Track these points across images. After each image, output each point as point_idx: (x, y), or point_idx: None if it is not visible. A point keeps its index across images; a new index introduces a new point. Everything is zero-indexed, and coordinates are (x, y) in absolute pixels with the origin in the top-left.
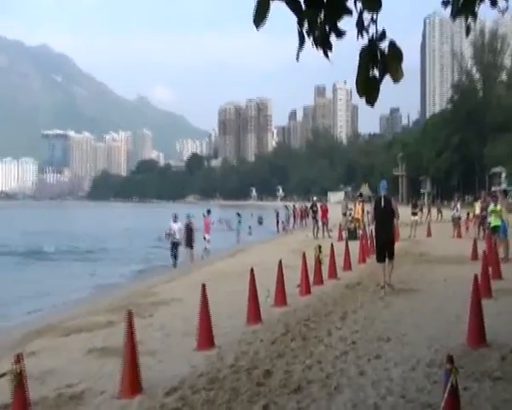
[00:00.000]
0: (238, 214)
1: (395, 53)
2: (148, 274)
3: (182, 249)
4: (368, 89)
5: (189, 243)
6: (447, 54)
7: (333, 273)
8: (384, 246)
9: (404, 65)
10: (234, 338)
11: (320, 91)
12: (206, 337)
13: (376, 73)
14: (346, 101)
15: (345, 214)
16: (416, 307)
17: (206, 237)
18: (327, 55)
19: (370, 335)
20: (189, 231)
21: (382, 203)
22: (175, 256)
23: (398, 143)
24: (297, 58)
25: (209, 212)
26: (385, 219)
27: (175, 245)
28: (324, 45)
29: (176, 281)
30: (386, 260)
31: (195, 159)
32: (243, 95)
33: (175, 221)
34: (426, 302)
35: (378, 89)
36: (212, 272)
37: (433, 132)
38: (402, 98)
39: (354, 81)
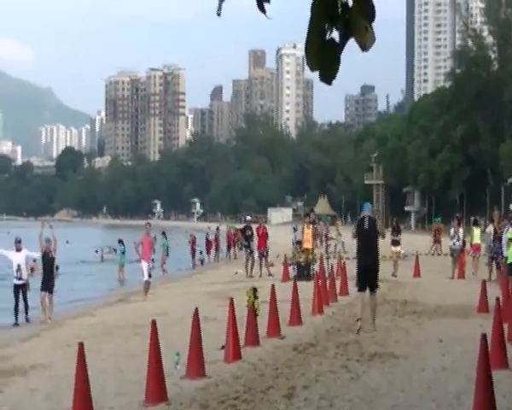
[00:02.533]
0: (121, 242)
1: (363, 5)
2: None
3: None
4: (323, 58)
5: (49, 283)
6: (446, 6)
7: (274, 329)
8: (366, 273)
9: (380, 23)
10: None
11: (257, 59)
12: None
13: (336, 35)
14: (297, 74)
15: (299, 243)
16: (398, 380)
17: (144, 265)
18: (262, 9)
19: None
20: (49, 265)
21: (366, 224)
22: (24, 307)
23: (373, 137)
24: (218, 11)
25: (149, 225)
26: (369, 242)
27: (20, 289)
28: None
29: (37, 339)
30: (368, 291)
31: (70, 156)
32: (143, 61)
33: (18, 249)
34: (412, 374)
35: (338, 59)
36: (92, 325)
37: (425, 121)
38: (378, 72)
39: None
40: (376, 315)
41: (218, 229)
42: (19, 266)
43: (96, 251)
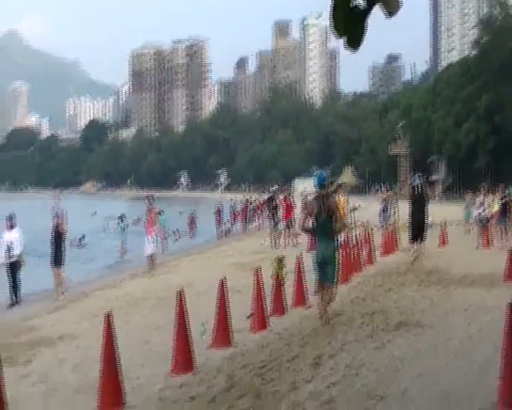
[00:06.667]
0: (121, 218)
1: None
2: (23, 300)
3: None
4: (348, 25)
5: (58, 257)
6: None
7: (300, 299)
8: (418, 228)
9: None
10: (152, 395)
11: (282, 30)
12: (111, 394)
13: (361, 1)
14: (321, 44)
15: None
16: (423, 349)
17: (150, 238)
18: None
19: (355, 390)
20: (58, 238)
21: (419, 190)
22: (14, 286)
23: (398, 107)
24: None
25: (152, 197)
26: (420, 205)
27: (12, 268)
28: None
29: (64, 310)
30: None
31: (96, 128)
32: (167, 33)
33: (10, 227)
34: (437, 343)
35: (364, 25)
36: (118, 296)
37: (450, 91)
38: (403, 40)
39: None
40: (400, 287)
41: (247, 201)
42: (10, 243)
43: (118, 223)
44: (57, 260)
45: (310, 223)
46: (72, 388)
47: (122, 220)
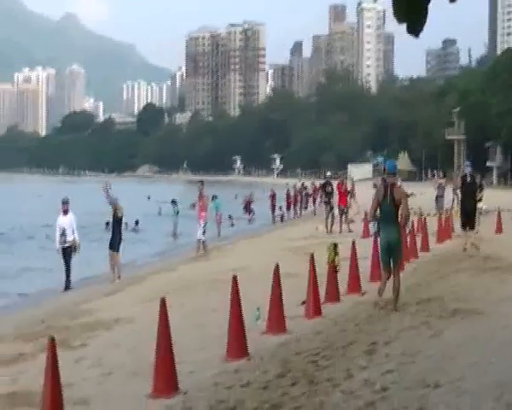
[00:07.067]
0: (174, 202)
1: None
2: (79, 284)
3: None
4: (410, 11)
5: (116, 242)
6: None
7: (355, 286)
8: (468, 216)
9: None
10: (206, 380)
11: (338, 14)
12: (166, 378)
13: None
14: (377, 28)
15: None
16: (479, 337)
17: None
18: None
19: (410, 378)
20: (116, 223)
21: (468, 179)
22: (67, 271)
23: (454, 91)
24: None
25: (202, 183)
26: (470, 192)
27: (67, 253)
28: None
29: (121, 293)
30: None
31: (152, 111)
32: (223, 17)
33: (65, 212)
34: (493, 331)
35: (426, 9)
36: (173, 280)
37: (507, 75)
38: (461, 25)
39: None
40: (455, 273)
41: (303, 185)
42: (64, 229)
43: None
44: (114, 244)
45: (378, 212)
46: (127, 371)
47: (175, 205)
